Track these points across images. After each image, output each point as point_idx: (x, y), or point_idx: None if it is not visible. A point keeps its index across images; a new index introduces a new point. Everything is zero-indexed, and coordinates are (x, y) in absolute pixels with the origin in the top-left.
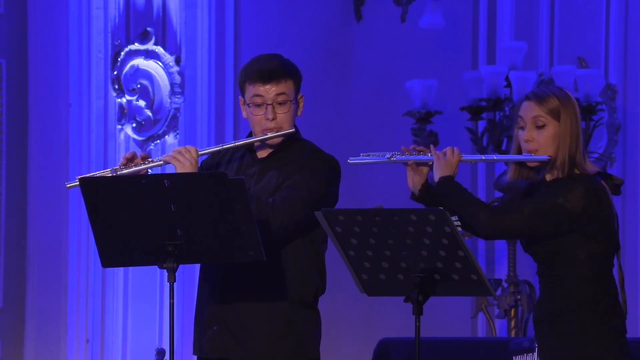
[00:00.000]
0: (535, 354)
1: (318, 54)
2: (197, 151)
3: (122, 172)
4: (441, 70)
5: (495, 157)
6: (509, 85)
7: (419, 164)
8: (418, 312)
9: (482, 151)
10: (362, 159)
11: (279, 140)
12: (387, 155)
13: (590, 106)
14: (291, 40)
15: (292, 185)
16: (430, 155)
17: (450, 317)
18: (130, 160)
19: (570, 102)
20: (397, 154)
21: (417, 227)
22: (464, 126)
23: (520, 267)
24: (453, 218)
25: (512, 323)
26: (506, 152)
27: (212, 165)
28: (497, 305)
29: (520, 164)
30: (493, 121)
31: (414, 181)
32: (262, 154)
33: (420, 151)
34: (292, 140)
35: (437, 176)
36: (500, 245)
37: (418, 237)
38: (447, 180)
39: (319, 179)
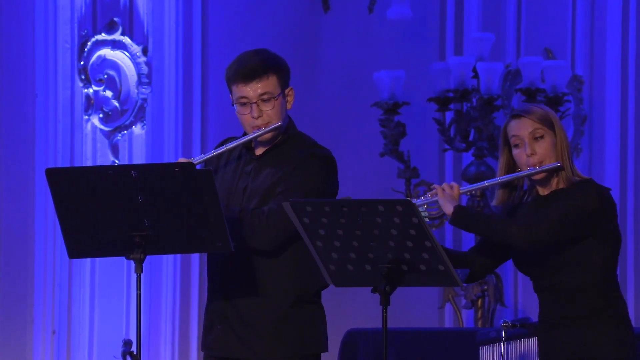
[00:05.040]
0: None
1: (285, 44)
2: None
3: None
4: (409, 61)
5: (499, 179)
6: (476, 76)
7: (430, 203)
8: (385, 302)
9: (450, 142)
10: None
11: (269, 135)
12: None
13: (557, 97)
14: (258, 30)
15: (287, 189)
16: (433, 195)
17: (417, 307)
18: None
19: (552, 111)
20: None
21: (385, 217)
22: (431, 117)
23: None
24: (421, 209)
25: (479, 313)
26: (472, 143)
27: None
28: (464, 296)
29: (507, 186)
30: (460, 112)
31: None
32: (258, 151)
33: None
34: (287, 135)
35: (447, 210)
36: (467, 235)
37: (385, 227)
38: (459, 209)
39: (313, 180)
